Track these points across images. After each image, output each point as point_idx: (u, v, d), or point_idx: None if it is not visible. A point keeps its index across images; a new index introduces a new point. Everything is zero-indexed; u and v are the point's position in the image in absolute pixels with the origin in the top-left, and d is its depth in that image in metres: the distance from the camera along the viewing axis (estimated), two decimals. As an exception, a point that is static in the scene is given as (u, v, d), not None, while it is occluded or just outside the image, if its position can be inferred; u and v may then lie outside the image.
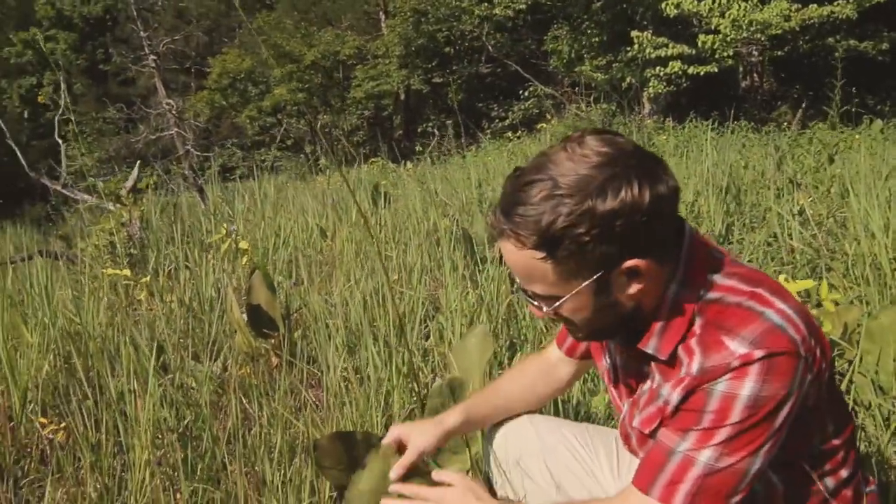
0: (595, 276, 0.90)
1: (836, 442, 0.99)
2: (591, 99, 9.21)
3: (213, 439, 1.76)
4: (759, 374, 0.86)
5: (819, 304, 1.94)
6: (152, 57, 8.87)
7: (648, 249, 0.90)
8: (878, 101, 8.90)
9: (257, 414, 1.87)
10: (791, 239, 2.79)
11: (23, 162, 4.29)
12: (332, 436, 1.35)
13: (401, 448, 1.25)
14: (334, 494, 1.45)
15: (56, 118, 4.73)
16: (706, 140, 4.47)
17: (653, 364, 1.00)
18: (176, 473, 1.67)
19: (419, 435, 1.25)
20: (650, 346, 0.97)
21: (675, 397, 0.93)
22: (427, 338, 2.30)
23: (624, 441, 1.13)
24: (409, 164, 7.31)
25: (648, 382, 1.01)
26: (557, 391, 1.40)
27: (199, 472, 1.67)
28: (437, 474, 1.18)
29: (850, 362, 1.82)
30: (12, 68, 23.33)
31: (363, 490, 1.21)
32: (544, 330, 2.29)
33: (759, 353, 0.86)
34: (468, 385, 1.57)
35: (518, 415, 1.32)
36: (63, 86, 5.85)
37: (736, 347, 0.88)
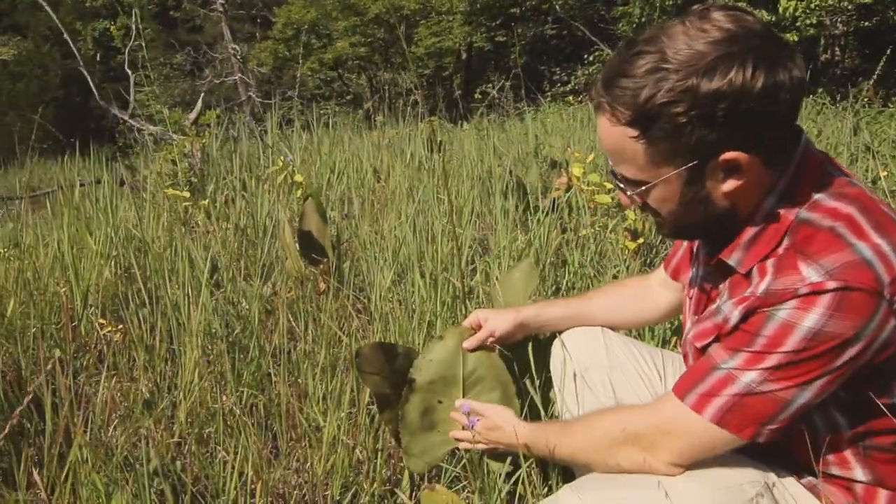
0: (688, 164, 0.85)
1: None
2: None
3: (260, 350, 1.81)
4: (828, 307, 0.79)
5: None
6: (220, 1, 8.98)
7: (753, 144, 0.83)
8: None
9: (303, 333, 1.92)
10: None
11: (94, 90, 4.43)
12: (374, 345, 1.37)
13: (478, 330, 1.31)
14: (373, 407, 1.48)
15: (127, 49, 4.85)
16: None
17: (727, 281, 0.95)
18: (223, 378, 1.73)
19: (495, 318, 1.29)
20: (733, 258, 0.91)
21: (735, 315, 0.88)
22: (473, 276, 2.30)
23: (684, 359, 1.09)
24: (465, 125, 7.24)
25: (717, 301, 0.97)
26: (650, 317, 1.35)
27: (244, 378, 1.72)
28: (460, 403, 1.23)
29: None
30: (87, 11, 23.99)
31: (434, 359, 1.29)
32: (593, 278, 2.27)
33: (832, 285, 0.79)
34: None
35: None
36: (134, 25, 5.96)
37: (809, 274, 0.81)
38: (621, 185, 0.94)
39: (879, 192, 2.71)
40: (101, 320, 2.00)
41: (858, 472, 0.93)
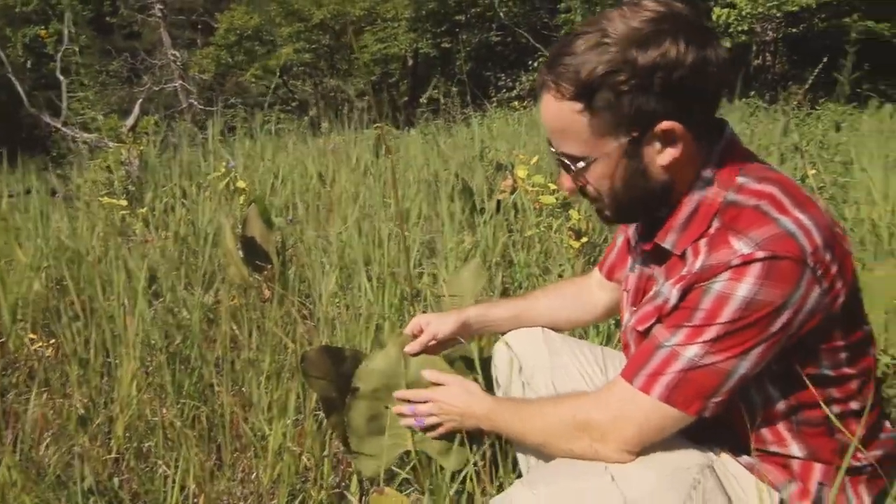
0: (629, 135, 0.89)
1: (848, 371, 0.94)
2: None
3: (202, 360, 1.76)
4: (758, 276, 0.84)
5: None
6: (158, 6, 8.75)
7: (686, 115, 0.89)
8: (889, 85, 8.80)
9: (247, 341, 1.87)
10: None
11: (23, 97, 4.24)
12: (320, 349, 1.34)
13: (418, 336, 1.30)
14: (320, 412, 1.46)
15: (59, 55, 4.67)
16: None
17: (662, 267, 0.99)
18: (163, 390, 1.67)
19: (437, 321, 1.29)
20: (668, 240, 0.95)
21: (674, 294, 0.92)
22: (421, 277, 2.30)
23: (624, 351, 1.12)
24: (412, 131, 7.23)
25: (654, 288, 1.00)
26: (590, 317, 1.37)
27: (186, 389, 1.67)
28: (430, 374, 1.20)
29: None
30: (17, 17, 23.03)
31: (376, 368, 1.26)
32: (539, 277, 2.29)
33: (760, 254, 0.84)
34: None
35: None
36: (69, 30, 5.75)
37: (740, 247, 0.86)
38: (566, 163, 0.96)
39: (807, 190, 2.82)
40: (32, 335, 1.91)
41: (794, 448, 0.96)
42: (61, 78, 4.81)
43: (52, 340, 1.88)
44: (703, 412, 0.90)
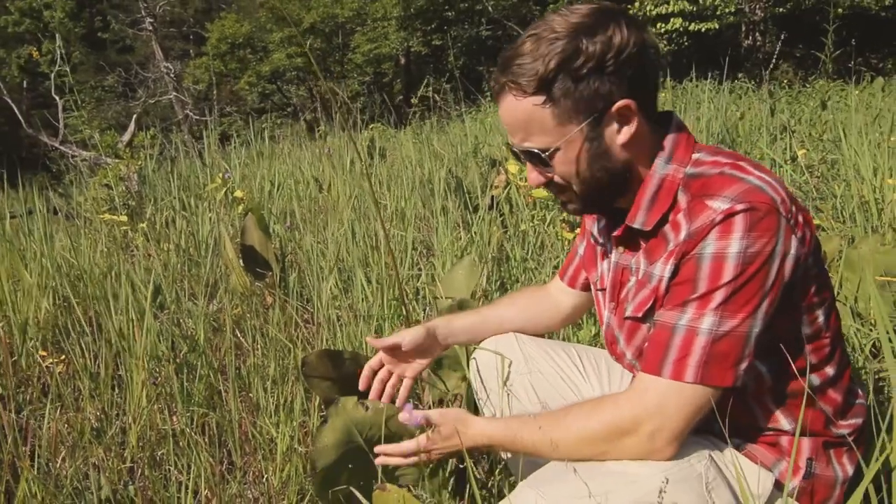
0: (589, 117, 0.95)
1: (824, 332, 0.98)
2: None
3: (209, 368, 1.81)
4: (744, 228, 0.88)
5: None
6: (149, 20, 8.80)
7: (637, 93, 0.95)
8: (880, 58, 8.79)
9: (251, 347, 1.92)
10: (782, 183, 2.80)
11: (20, 119, 4.30)
12: (319, 352, 1.39)
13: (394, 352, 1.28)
14: (324, 413, 1.50)
15: (53, 74, 4.72)
16: (704, 93, 4.45)
17: (639, 254, 1.02)
18: (173, 399, 1.72)
19: (405, 330, 1.28)
20: (637, 220, 1.00)
21: (666, 272, 0.96)
22: (418, 277, 2.34)
23: (610, 348, 1.13)
24: (407, 130, 7.26)
25: (633, 278, 1.04)
26: (557, 321, 1.37)
27: (194, 397, 1.72)
28: (404, 417, 1.08)
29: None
30: (10, 37, 23.09)
31: (328, 444, 1.16)
32: (534, 271, 2.33)
33: (739, 207, 0.89)
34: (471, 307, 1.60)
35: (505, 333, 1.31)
36: (60, 50, 5.80)
37: (718, 205, 0.90)
38: (533, 157, 1.00)
39: (798, 170, 2.86)
40: (42, 352, 1.96)
41: (784, 422, 0.99)
42: (56, 98, 4.87)
43: (63, 357, 1.93)
44: (737, 381, 0.92)
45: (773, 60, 5.50)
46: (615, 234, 1.06)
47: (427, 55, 15.89)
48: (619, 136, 0.97)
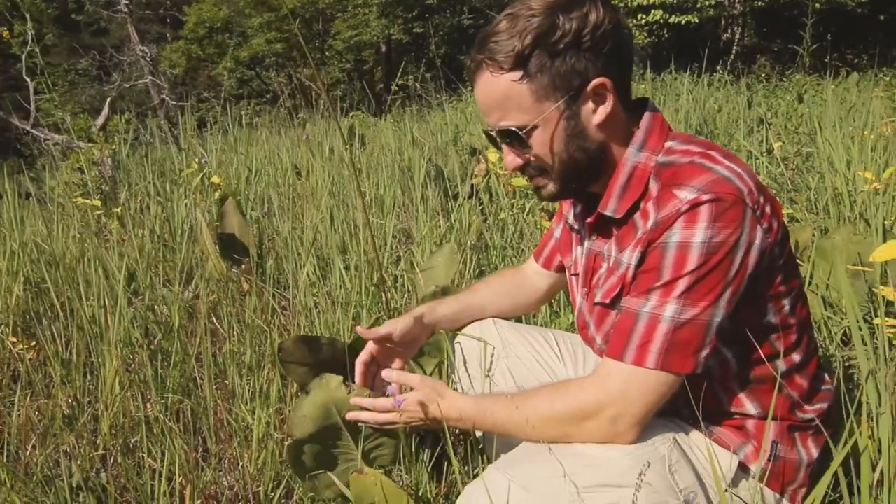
0: (566, 94, 0.96)
1: (790, 321, 0.99)
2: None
3: (184, 354, 1.79)
4: (709, 218, 0.89)
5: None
6: (124, 1, 8.60)
7: (612, 72, 0.96)
8: (855, 54, 8.93)
9: (227, 333, 1.90)
10: (759, 175, 2.83)
11: (-11, 101, 4.19)
12: (296, 338, 1.38)
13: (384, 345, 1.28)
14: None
15: (24, 56, 4.61)
16: (683, 85, 4.48)
17: (611, 241, 1.03)
18: (147, 386, 1.70)
19: (394, 320, 1.28)
20: (609, 207, 1.01)
21: (633, 260, 0.97)
22: (398, 264, 2.33)
23: (581, 333, 1.15)
24: (388, 119, 7.22)
25: (604, 264, 1.05)
26: (534, 301, 1.40)
27: (169, 384, 1.70)
28: (392, 374, 1.12)
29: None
30: (-21, 17, 22.50)
31: (306, 414, 1.17)
32: (514, 258, 2.34)
33: (705, 197, 0.89)
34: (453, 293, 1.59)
35: (485, 318, 1.33)
36: (31, 32, 5.66)
37: (685, 195, 0.91)
38: (510, 135, 1.00)
39: (774, 162, 2.89)
40: (13, 338, 1.92)
41: (749, 407, 1.01)
42: (28, 80, 4.75)
43: (34, 343, 1.89)
44: (697, 368, 0.93)
45: (754, 55, 5.53)
46: (588, 220, 1.07)
47: (408, 43, 15.80)
48: (595, 115, 0.98)
